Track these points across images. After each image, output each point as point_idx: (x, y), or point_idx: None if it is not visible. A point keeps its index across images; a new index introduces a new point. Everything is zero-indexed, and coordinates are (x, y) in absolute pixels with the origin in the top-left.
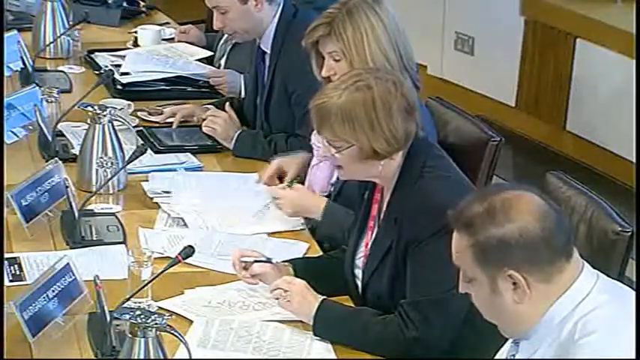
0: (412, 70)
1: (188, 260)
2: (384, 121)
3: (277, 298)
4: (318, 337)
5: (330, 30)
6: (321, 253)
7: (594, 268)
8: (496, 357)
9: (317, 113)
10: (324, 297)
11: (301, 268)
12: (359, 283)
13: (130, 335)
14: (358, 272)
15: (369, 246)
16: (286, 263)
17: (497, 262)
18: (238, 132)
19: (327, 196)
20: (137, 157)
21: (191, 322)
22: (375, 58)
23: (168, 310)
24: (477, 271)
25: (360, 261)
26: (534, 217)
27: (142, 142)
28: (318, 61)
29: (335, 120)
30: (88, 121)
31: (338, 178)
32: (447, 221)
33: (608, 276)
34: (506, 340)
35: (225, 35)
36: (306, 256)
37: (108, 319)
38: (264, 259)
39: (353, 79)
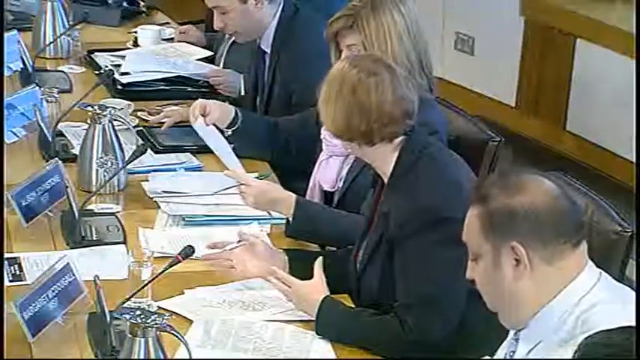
0: (429, 74)
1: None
2: (341, 100)
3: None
4: (319, 336)
5: (352, 22)
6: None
7: None
8: (495, 355)
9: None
10: (324, 296)
11: (296, 259)
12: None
13: (130, 335)
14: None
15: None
16: (281, 250)
17: (502, 232)
18: None
19: (334, 192)
20: (137, 157)
21: (191, 322)
22: (397, 55)
23: (169, 310)
24: (482, 242)
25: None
26: (546, 196)
27: (142, 142)
28: (336, 54)
29: (321, 104)
30: (88, 121)
31: (347, 174)
32: (431, 218)
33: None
34: (505, 338)
35: (226, 35)
36: (305, 249)
37: (108, 319)
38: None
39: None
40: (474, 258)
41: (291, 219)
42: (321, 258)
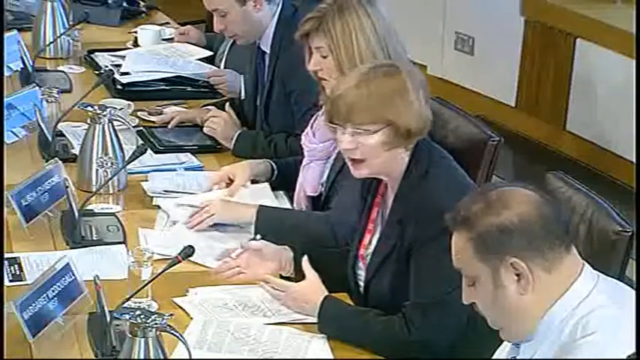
0: None
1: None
2: (416, 101)
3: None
4: (320, 335)
5: (318, 25)
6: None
7: (594, 268)
8: (494, 357)
9: (343, 102)
10: (326, 295)
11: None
12: (361, 283)
13: (130, 335)
14: (360, 273)
15: (369, 248)
16: (286, 247)
17: (498, 252)
18: (238, 132)
19: (317, 196)
20: (137, 157)
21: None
22: (363, 57)
23: (181, 308)
24: (479, 266)
25: (360, 262)
26: (531, 205)
27: (142, 142)
28: (309, 54)
29: (369, 102)
30: (88, 121)
31: (328, 179)
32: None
33: (609, 276)
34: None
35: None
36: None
37: (108, 319)
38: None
39: (377, 67)
40: (470, 283)
41: (252, 229)
42: (306, 256)
